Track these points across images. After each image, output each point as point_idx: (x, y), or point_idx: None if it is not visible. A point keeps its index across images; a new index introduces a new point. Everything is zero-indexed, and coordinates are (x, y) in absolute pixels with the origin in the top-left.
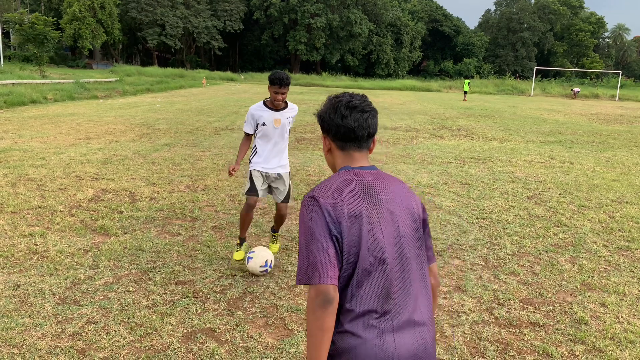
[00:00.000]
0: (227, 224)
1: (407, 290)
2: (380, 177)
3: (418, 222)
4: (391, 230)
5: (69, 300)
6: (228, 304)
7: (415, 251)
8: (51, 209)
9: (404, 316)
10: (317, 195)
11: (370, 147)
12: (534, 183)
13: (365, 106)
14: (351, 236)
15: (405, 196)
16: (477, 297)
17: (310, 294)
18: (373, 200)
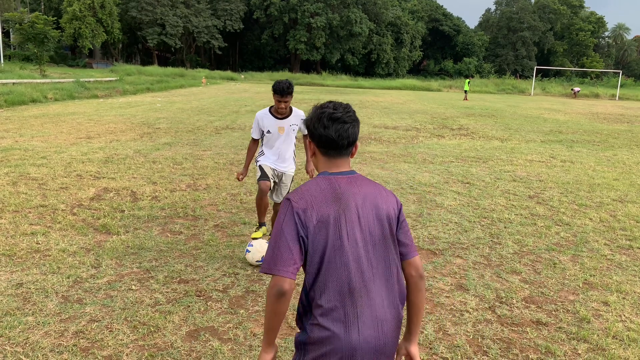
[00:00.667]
0: (229, 222)
1: (371, 288)
2: (355, 182)
3: (388, 224)
4: (358, 234)
5: (71, 299)
6: (231, 302)
7: (381, 252)
8: (53, 208)
9: (368, 312)
10: (292, 199)
11: (352, 152)
12: (535, 182)
13: (347, 117)
14: (318, 239)
15: (378, 200)
16: (479, 295)
17: (270, 283)
18: (342, 206)
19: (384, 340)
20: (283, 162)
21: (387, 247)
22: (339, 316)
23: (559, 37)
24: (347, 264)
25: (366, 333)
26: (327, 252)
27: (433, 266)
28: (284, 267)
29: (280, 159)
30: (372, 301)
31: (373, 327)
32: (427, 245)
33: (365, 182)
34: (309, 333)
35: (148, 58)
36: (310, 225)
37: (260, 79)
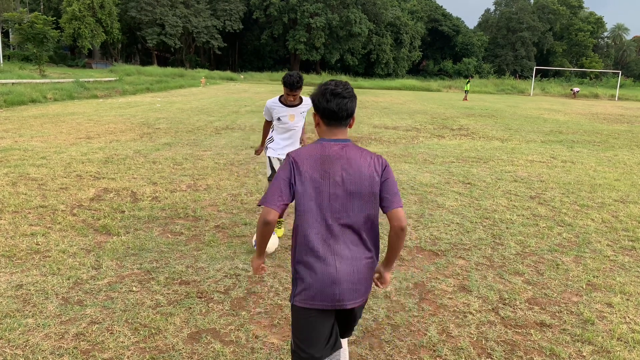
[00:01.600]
0: (230, 223)
1: (348, 233)
2: (346, 149)
3: (369, 183)
4: (339, 190)
5: (72, 301)
6: (232, 304)
7: (359, 205)
8: (52, 209)
9: (345, 253)
10: (292, 155)
11: (350, 123)
12: (536, 182)
13: (346, 93)
14: (306, 188)
15: (361, 163)
16: (482, 297)
17: (261, 213)
18: (328, 167)
19: (357, 277)
20: (292, 146)
21: (366, 201)
22: (321, 254)
23: (558, 38)
24: (328, 212)
25: (342, 269)
26: (313, 201)
27: (435, 267)
28: (272, 202)
29: (289, 143)
30: (348, 244)
31: (348, 265)
32: (430, 246)
33: (355, 149)
34: (298, 271)
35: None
36: (300, 176)
37: (259, 79)
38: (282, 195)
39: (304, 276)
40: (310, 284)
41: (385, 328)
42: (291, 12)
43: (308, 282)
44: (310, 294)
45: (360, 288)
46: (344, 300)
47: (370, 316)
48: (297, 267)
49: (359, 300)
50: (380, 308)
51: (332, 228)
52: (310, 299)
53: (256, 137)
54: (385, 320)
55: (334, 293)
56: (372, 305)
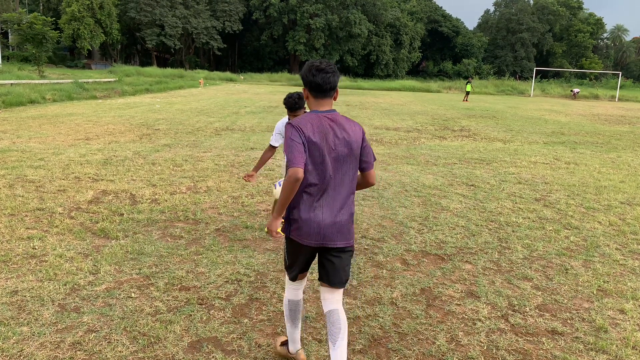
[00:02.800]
0: (231, 226)
1: (336, 187)
2: (334, 118)
3: (355, 147)
4: (332, 152)
5: (68, 308)
6: (234, 311)
7: (347, 165)
8: (50, 211)
9: (332, 202)
10: (293, 123)
11: (334, 96)
12: (541, 184)
13: (329, 69)
14: (309, 149)
15: (348, 130)
16: (491, 303)
17: (289, 172)
18: (324, 134)
19: (339, 220)
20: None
21: (351, 162)
22: (313, 202)
23: (557, 39)
24: (324, 174)
25: (327, 215)
26: (312, 164)
27: (442, 272)
28: (297, 160)
29: None
30: (336, 195)
31: (333, 211)
32: (435, 250)
33: (341, 118)
34: (292, 214)
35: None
36: (305, 138)
37: (259, 79)
38: (302, 154)
39: (297, 218)
40: (302, 225)
41: (392, 336)
42: (291, 13)
43: (300, 223)
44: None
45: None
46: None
47: (377, 324)
48: (293, 211)
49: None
50: (387, 315)
51: (326, 182)
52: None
53: (256, 138)
54: (392, 328)
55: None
56: (377, 312)
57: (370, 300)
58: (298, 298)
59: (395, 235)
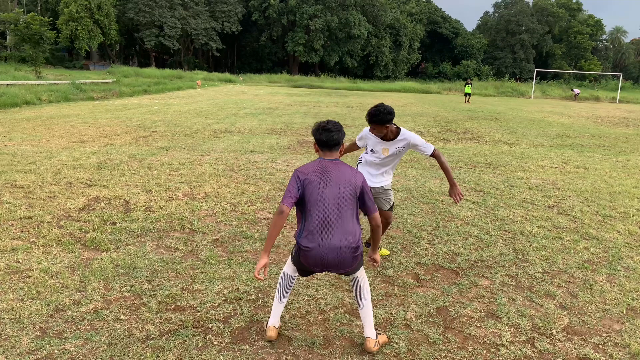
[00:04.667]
0: (230, 236)
1: (337, 225)
2: (336, 164)
3: (354, 190)
4: (333, 191)
5: (50, 332)
6: (233, 335)
7: (347, 205)
8: (38, 220)
9: (334, 239)
10: (297, 170)
11: (340, 149)
12: (552, 190)
13: (334, 129)
14: (309, 190)
15: (348, 175)
16: (513, 325)
17: (278, 208)
18: (325, 175)
19: (342, 257)
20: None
21: (351, 203)
22: (316, 237)
23: (557, 40)
24: (325, 207)
25: (330, 252)
26: (313, 199)
27: (458, 289)
28: (286, 199)
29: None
30: (337, 232)
31: (336, 247)
32: (448, 263)
33: (343, 165)
34: (301, 242)
35: (146, 60)
36: (304, 182)
37: (258, 81)
38: (291, 195)
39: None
40: (307, 256)
41: None
42: (290, 14)
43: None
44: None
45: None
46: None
47: (391, 350)
48: (300, 240)
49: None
50: (401, 340)
51: (327, 219)
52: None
53: (256, 141)
54: (409, 356)
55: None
56: (391, 337)
57: (383, 322)
58: (295, 275)
59: (404, 246)
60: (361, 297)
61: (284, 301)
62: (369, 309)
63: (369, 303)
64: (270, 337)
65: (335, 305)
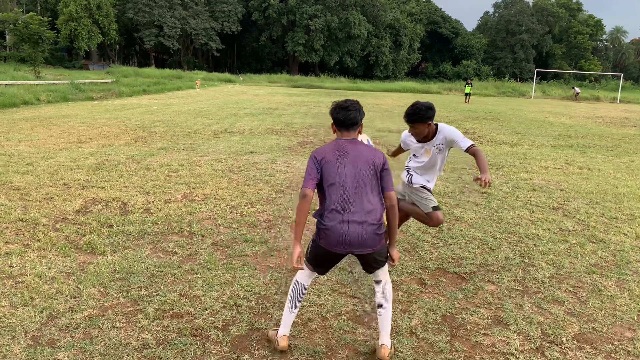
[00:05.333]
0: (229, 240)
1: (358, 202)
2: (354, 144)
3: (374, 167)
4: (351, 170)
5: (43, 341)
6: (232, 344)
7: (368, 181)
8: (33, 223)
9: (355, 216)
10: (314, 152)
11: (358, 129)
12: (556, 192)
13: (352, 107)
14: (327, 170)
15: (367, 154)
16: (522, 332)
17: (300, 192)
18: (342, 154)
19: (365, 235)
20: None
21: (371, 179)
22: (337, 215)
23: (557, 40)
24: (344, 186)
25: (352, 228)
26: (332, 179)
27: (464, 294)
28: (307, 182)
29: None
30: (358, 210)
31: (357, 225)
32: (453, 267)
33: (361, 144)
34: (322, 221)
35: (145, 60)
36: (321, 162)
37: (258, 81)
38: (312, 177)
39: (328, 224)
40: (329, 235)
41: None
42: (290, 13)
43: (327, 233)
44: (330, 241)
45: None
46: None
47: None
48: (321, 219)
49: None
50: (407, 349)
51: (347, 197)
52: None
53: (256, 141)
54: None
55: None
56: (396, 345)
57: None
58: (307, 284)
59: (408, 250)
60: (383, 301)
61: (295, 311)
62: (389, 315)
63: (390, 309)
64: (283, 347)
65: (338, 312)
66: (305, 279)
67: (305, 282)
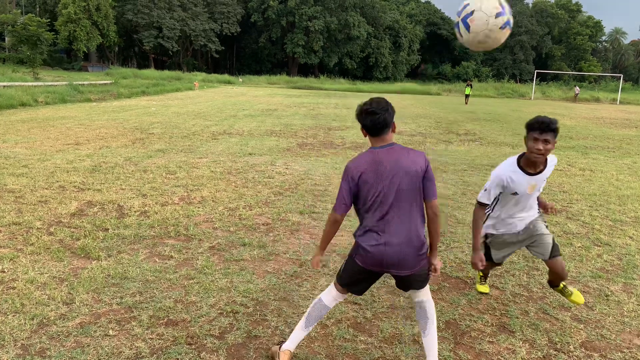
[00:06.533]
0: (226, 243)
1: (397, 220)
2: (391, 151)
3: (415, 177)
4: (390, 185)
5: (32, 350)
6: (229, 352)
7: (407, 196)
8: (27, 226)
9: (394, 237)
10: (348, 165)
11: (392, 129)
12: (559, 194)
13: (378, 110)
14: (363, 189)
15: (405, 162)
16: (528, 340)
17: (329, 216)
18: (378, 168)
19: (403, 255)
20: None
21: (412, 193)
22: (374, 235)
23: (556, 42)
24: (382, 203)
25: (390, 250)
26: (370, 197)
27: (467, 300)
28: (339, 207)
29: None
30: (397, 229)
31: (397, 245)
32: (456, 272)
33: (399, 150)
34: (359, 241)
35: (144, 61)
36: (357, 181)
37: (258, 82)
38: (345, 201)
39: (364, 245)
40: (366, 255)
41: None
42: (289, 15)
43: (365, 252)
44: (366, 260)
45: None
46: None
47: None
48: (358, 239)
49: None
50: (410, 358)
51: (385, 214)
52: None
53: (255, 143)
54: None
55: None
56: (399, 354)
57: (389, 337)
58: (330, 306)
59: None
60: (426, 323)
61: (308, 330)
62: (434, 337)
63: (435, 331)
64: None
65: (339, 319)
66: (329, 300)
67: (328, 304)
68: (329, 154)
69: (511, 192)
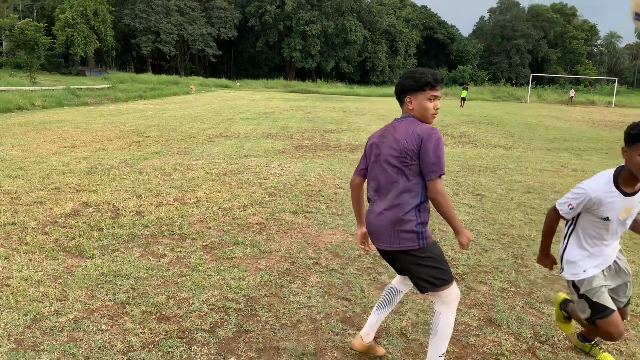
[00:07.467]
0: (220, 242)
1: (383, 192)
2: (400, 124)
3: (402, 154)
4: (383, 156)
5: (25, 344)
6: (219, 346)
7: (393, 171)
8: (22, 226)
9: (378, 206)
10: (370, 138)
11: (404, 102)
12: (551, 194)
13: (405, 74)
14: (368, 156)
15: (399, 137)
16: (514, 333)
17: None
18: (382, 139)
19: (379, 226)
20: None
21: (397, 169)
22: (369, 205)
23: (552, 45)
24: (377, 173)
25: (373, 216)
26: (370, 166)
27: None
28: (356, 169)
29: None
30: (382, 199)
31: (377, 213)
32: None
33: (406, 123)
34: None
35: (142, 66)
36: (368, 145)
37: (255, 86)
38: (361, 166)
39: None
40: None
41: None
42: (287, 19)
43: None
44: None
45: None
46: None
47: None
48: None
49: (385, 245)
50: (397, 350)
51: (378, 185)
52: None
53: (250, 145)
54: None
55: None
56: (386, 347)
57: (377, 331)
58: (396, 286)
59: None
60: (430, 333)
61: (379, 312)
62: (431, 352)
63: (434, 345)
64: (351, 346)
65: (328, 314)
66: (396, 280)
67: (395, 284)
68: (324, 156)
69: (602, 216)
